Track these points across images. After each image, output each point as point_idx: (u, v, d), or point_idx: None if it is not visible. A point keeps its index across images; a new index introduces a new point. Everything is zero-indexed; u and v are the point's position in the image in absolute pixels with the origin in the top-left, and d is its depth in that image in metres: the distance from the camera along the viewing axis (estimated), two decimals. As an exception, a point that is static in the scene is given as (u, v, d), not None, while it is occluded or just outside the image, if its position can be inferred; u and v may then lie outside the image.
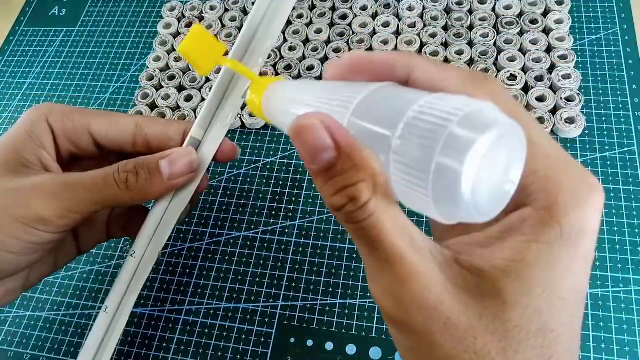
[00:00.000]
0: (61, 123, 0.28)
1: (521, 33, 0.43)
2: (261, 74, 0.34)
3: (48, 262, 0.30)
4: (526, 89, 0.41)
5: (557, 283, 0.17)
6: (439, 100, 0.16)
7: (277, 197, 0.39)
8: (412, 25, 0.45)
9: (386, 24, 0.46)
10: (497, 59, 0.42)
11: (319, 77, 0.44)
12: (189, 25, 0.49)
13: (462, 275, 0.17)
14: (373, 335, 0.33)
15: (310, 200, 0.39)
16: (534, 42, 0.43)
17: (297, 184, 0.40)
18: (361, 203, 0.17)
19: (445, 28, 0.45)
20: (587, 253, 0.17)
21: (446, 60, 0.43)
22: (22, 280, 0.29)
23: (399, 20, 0.46)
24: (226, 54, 0.26)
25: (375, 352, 0.33)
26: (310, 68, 0.44)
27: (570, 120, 0.39)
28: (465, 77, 0.19)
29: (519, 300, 0.17)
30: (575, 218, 0.17)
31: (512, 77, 0.41)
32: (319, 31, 0.47)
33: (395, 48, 0.45)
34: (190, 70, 0.46)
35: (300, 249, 0.37)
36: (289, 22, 0.48)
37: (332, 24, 0.47)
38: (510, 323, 0.17)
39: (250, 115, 0.43)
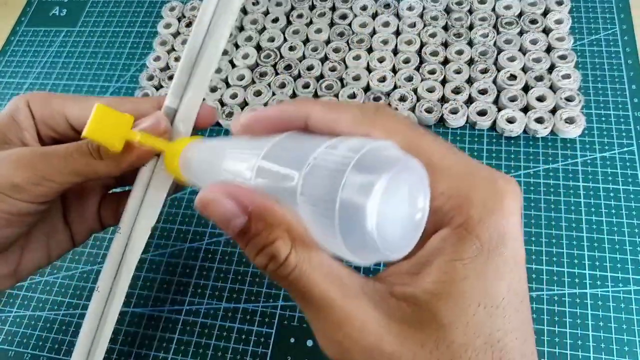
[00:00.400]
0: (40, 108, 0.29)
1: (521, 33, 0.44)
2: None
3: (40, 249, 0.30)
4: (526, 89, 0.41)
5: (490, 293, 0.17)
6: (331, 149, 0.17)
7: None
8: (412, 25, 0.45)
9: (386, 24, 0.46)
10: (497, 59, 0.42)
11: (319, 77, 0.44)
12: (189, 25, 0.49)
13: (399, 307, 0.17)
14: (373, 335, 0.33)
15: (310, 200, 0.39)
16: (534, 42, 0.43)
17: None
18: (281, 260, 0.17)
19: (445, 28, 0.45)
20: (514, 255, 0.18)
21: (446, 60, 0.43)
22: (14, 265, 0.29)
23: (399, 20, 0.46)
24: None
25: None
26: (310, 68, 0.44)
27: (570, 120, 0.39)
28: (356, 116, 0.19)
29: (457, 320, 0.17)
30: (491, 226, 0.17)
31: (512, 77, 0.41)
32: (319, 31, 0.47)
33: (395, 48, 0.45)
34: (190, 70, 0.46)
35: (300, 249, 0.37)
36: (288, 22, 0.48)
37: (332, 24, 0.47)
38: (454, 344, 0.17)
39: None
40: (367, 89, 0.43)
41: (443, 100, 0.41)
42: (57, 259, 0.31)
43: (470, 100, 0.41)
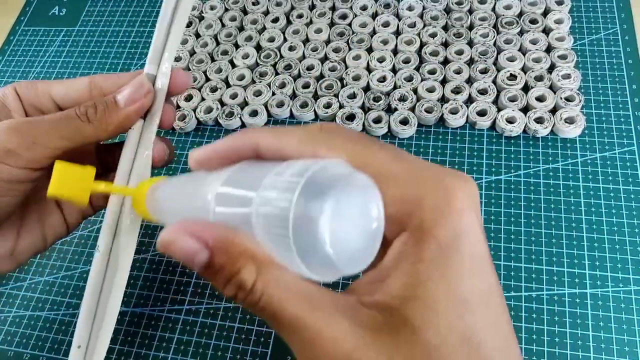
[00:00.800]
0: (26, 91, 0.31)
1: (521, 33, 0.43)
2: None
3: (34, 231, 0.31)
4: (526, 88, 0.41)
5: (456, 291, 0.17)
6: (279, 174, 0.17)
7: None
8: (412, 25, 0.45)
9: (386, 24, 0.46)
10: (497, 58, 0.42)
11: (319, 77, 0.44)
12: (189, 25, 0.49)
13: (371, 316, 0.17)
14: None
15: (310, 200, 0.39)
16: (534, 42, 0.43)
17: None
18: (248, 288, 0.17)
19: (445, 28, 0.45)
20: (472, 251, 0.18)
21: (446, 60, 0.43)
22: (10, 244, 0.30)
23: (399, 20, 0.46)
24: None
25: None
26: (310, 68, 0.44)
27: (570, 120, 0.39)
28: (302, 139, 0.19)
29: (428, 320, 0.17)
30: (445, 225, 0.17)
31: (512, 77, 0.41)
32: (319, 31, 0.47)
33: (395, 48, 0.45)
34: (190, 70, 0.46)
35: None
36: (288, 22, 0.48)
37: (332, 24, 0.47)
38: (429, 344, 0.17)
39: (250, 115, 0.43)
40: (367, 88, 0.43)
41: (443, 100, 0.41)
42: (53, 243, 0.32)
43: (470, 100, 0.41)
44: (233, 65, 0.46)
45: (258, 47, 0.47)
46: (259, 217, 0.17)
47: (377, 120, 0.41)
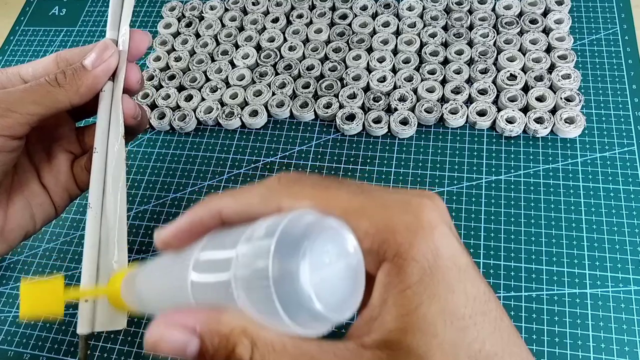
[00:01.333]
0: None
1: (521, 33, 0.43)
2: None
3: (22, 210, 0.31)
4: (526, 89, 0.41)
5: (449, 308, 0.17)
6: (248, 241, 0.17)
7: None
8: (412, 25, 0.45)
9: (386, 24, 0.46)
10: (497, 58, 0.42)
11: (319, 77, 0.44)
12: (189, 25, 0.49)
13: (374, 357, 0.17)
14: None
15: (310, 200, 0.39)
16: (533, 42, 0.43)
17: (297, 183, 0.40)
18: None
19: (445, 28, 0.45)
20: (453, 264, 0.18)
21: (446, 60, 0.43)
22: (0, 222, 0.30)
23: (399, 20, 0.46)
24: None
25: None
26: (310, 68, 0.44)
27: (570, 120, 0.39)
28: (263, 195, 0.19)
29: (431, 345, 0.17)
30: (421, 245, 0.17)
31: (512, 77, 0.41)
32: (319, 31, 0.47)
33: (395, 48, 0.45)
34: (190, 70, 0.46)
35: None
36: (288, 22, 0.48)
37: (332, 24, 0.47)
38: None
39: (250, 115, 0.43)
40: (367, 89, 0.43)
41: (443, 100, 0.41)
42: (43, 224, 0.33)
43: (470, 100, 0.41)
44: (233, 65, 0.46)
45: (258, 47, 0.47)
46: (239, 288, 0.16)
47: (377, 121, 0.41)
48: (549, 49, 0.42)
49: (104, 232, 0.28)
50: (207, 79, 0.46)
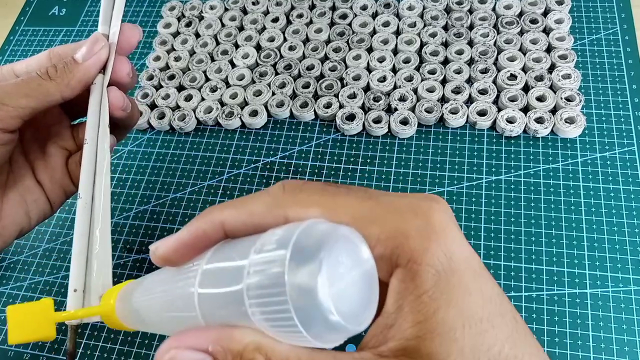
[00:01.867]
0: None
1: (521, 33, 0.43)
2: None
3: (17, 206, 0.31)
4: (526, 88, 0.41)
5: (467, 311, 0.17)
6: (259, 253, 0.16)
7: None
8: (412, 25, 0.45)
9: (386, 24, 0.46)
10: (497, 58, 0.42)
11: (319, 77, 0.44)
12: (188, 25, 0.49)
13: None
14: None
15: (310, 200, 0.39)
16: (534, 41, 0.43)
17: (297, 183, 0.40)
18: None
19: (446, 28, 0.45)
20: (468, 266, 0.17)
21: (446, 60, 0.43)
22: None
23: (399, 19, 0.46)
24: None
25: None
26: (310, 68, 0.44)
27: (570, 120, 0.39)
28: (268, 203, 0.19)
29: (451, 351, 0.16)
30: (435, 249, 0.17)
31: (512, 76, 0.41)
32: (319, 31, 0.47)
33: (395, 48, 0.45)
34: (190, 70, 0.46)
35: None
36: (288, 22, 0.48)
37: (332, 24, 0.47)
38: None
39: (250, 115, 0.43)
40: (367, 88, 0.43)
41: (443, 100, 0.41)
42: (39, 222, 0.33)
43: (470, 100, 0.41)
44: (233, 65, 0.46)
45: (258, 47, 0.47)
46: (252, 302, 0.16)
47: (377, 120, 0.41)
48: (549, 49, 0.42)
49: (91, 223, 0.28)
50: (207, 79, 0.46)
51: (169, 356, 0.18)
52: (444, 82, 0.42)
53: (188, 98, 0.44)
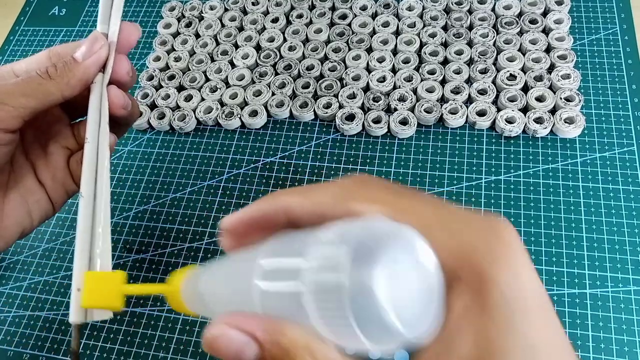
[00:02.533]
0: None
1: (521, 33, 0.43)
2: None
3: (19, 207, 0.31)
4: (526, 89, 0.41)
5: (530, 343, 0.16)
6: (321, 244, 0.16)
7: (276, 197, 0.39)
8: (412, 25, 0.45)
9: (386, 24, 0.46)
10: (496, 59, 0.42)
11: (319, 77, 0.44)
12: (188, 25, 0.49)
13: None
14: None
15: (310, 200, 0.39)
16: (533, 42, 0.43)
17: (296, 184, 0.40)
18: None
19: (445, 28, 0.45)
20: (538, 297, 0.17)
21: (446, 60, 0.43)
22: None
23: (399, 20, 0.46)
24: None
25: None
26: (310, 68, 0.44)
27: (570, 120, 0.39)
28: (336, 195, 0.18)
29: None
30: (506, 271, 0.16)
31: (512, 77, 0.41)
32: (318, 31, 0.47)
33: (395, 48, 0.45)
34: (190, 70, 0.46)
35: (300, 249, 0.37)
36: (288, 22, 0.48)
37: (332, 24, 0.47)
38: None
39: (250, 115, 0.43)
40: (366, 89, 0.43)
41: (442, 100, 0.41)
42: (40, 222, 0.33)
43: (469, 100, 0.41)
44: (233, 65, 0.46)
45: (258, 47, 0.47)
46: (309, 298, 0.16)
47: (377, 121, 0.41)
48: (548, 49, 0.42)
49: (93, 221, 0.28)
50: (207, 79, 0.46)
51: (218, 330, 0.18)
52: (443, 82, 0.42)
53: (188, 98, 0.44)
